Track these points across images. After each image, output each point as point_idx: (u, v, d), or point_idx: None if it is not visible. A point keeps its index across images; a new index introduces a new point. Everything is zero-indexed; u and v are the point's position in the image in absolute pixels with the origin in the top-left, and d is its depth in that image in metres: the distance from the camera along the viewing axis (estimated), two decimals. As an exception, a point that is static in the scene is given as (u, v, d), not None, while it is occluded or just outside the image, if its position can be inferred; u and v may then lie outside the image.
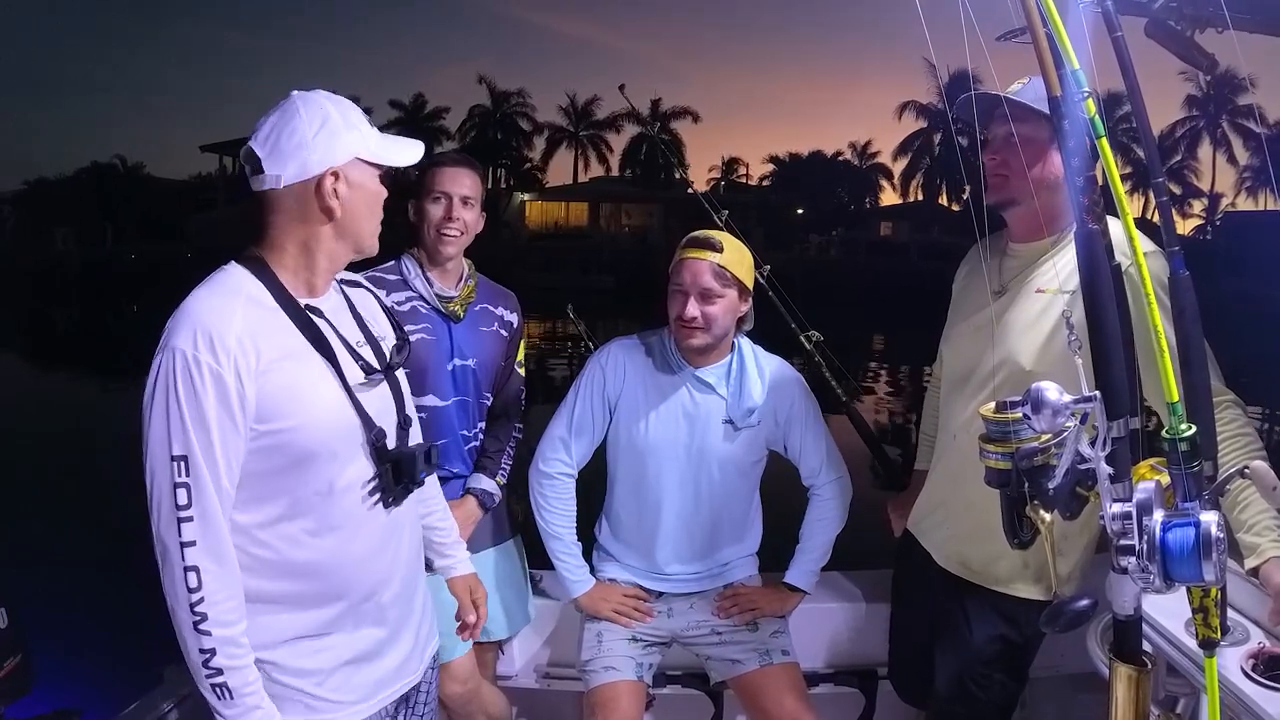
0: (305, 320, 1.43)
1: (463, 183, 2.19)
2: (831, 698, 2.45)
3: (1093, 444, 0.96)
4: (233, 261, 1.44)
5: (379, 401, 1.52)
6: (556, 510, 2.26)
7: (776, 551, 2.43)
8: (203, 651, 1.32)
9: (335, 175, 1.42)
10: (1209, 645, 1.00)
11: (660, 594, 2.31)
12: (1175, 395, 0.96)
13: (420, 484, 1.60)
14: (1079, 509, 1.08)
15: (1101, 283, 1.06)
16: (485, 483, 2.28)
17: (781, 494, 2.47)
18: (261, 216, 1.44)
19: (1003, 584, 1.85)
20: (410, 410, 1.61)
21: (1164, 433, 0.98)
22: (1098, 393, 0.95)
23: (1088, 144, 1.16)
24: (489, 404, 2.35)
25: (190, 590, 1.31)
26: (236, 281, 1.40)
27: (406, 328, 2.17)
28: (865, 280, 29.09)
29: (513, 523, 2.43)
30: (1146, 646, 1.18)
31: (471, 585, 1.90)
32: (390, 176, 1.55)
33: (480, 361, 2.27)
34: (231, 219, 29.84)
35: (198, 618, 1.31)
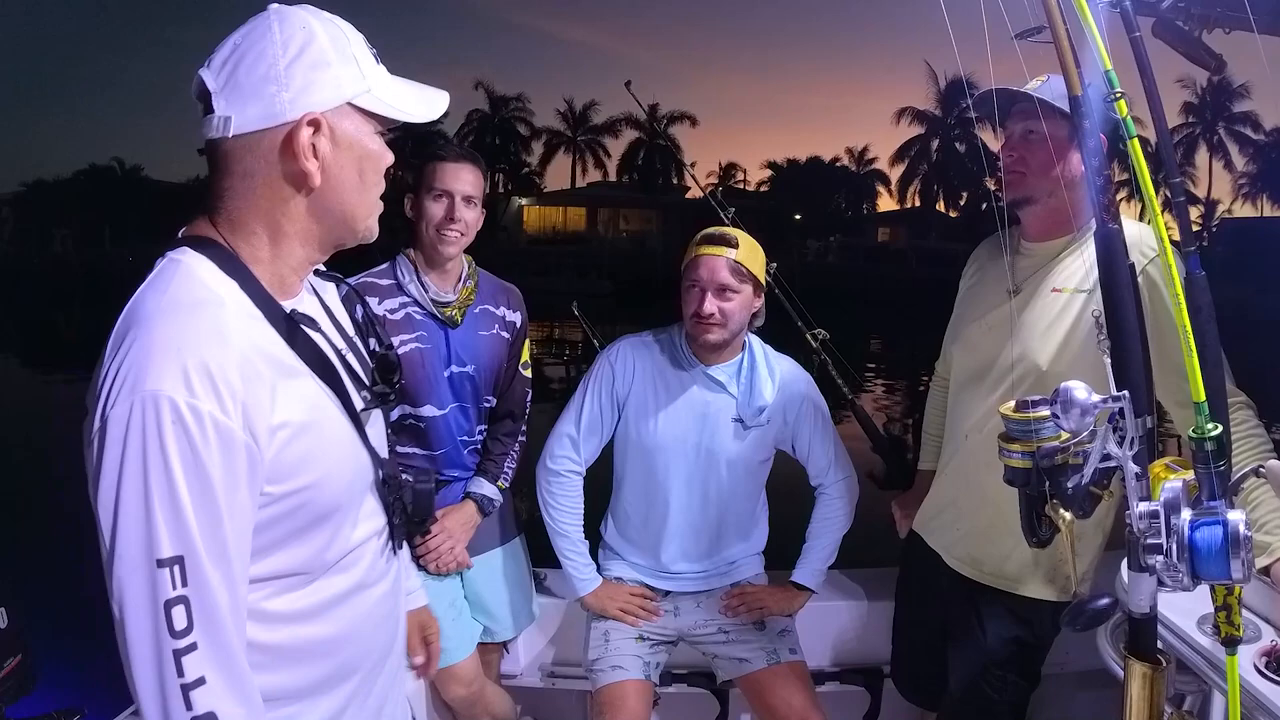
0: (297, 334, 1.05)
1: (466, 180, 2.11)
2: (837, 696, 2.45)
3: (1120, 443, 0.96)
4: (185, 247, 1.01)
5: (377, 430, 1.18)
6: (564, 508, 2.25)
7: (782, 551, 2.43)
8: None
9: (315, 125, 1.00)
10: (1231, 643, 1.01)
11: (667, 593, 2.31)
12: (1202, 394, 0.96)
13: (432, 519, 1.30)
14: (1092, 508, 1.08)
15: (1121, 282, 1.07)
16: (486, 487, 2.25)
17: (786, 493, 2.47)
18: (214, 180, 1.03)
19: (1014, 584, 1.85)
20: (390, 431, 1.34)
21: (1190, 432, 0.98)
22: (1125, 392, 0.95)
23: (1105, 143, 1.17)
24: (490, 406, 2.30)
25: None
26: (206, 281, 0.99)
27: (401, 336, 2.08)
28: (862, 285, 29.12)
29: (517, 522, 2.42)
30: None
31: (424, 621, 1.62)
32: (387, 173, 1.14)
33: (479, 367, 2.22)
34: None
35: None
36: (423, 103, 1.10)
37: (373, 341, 1.24)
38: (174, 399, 0.88)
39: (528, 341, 2.38)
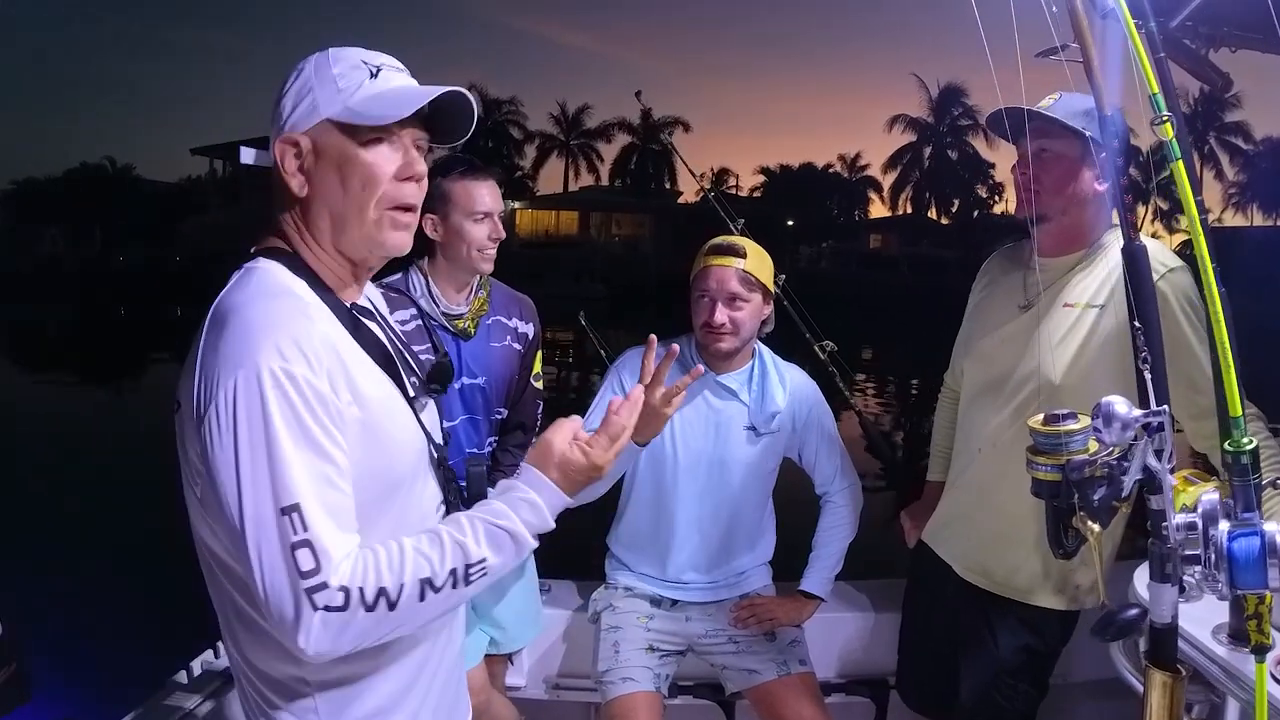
0: (358, 325, 1.19)
1: (498, 196, 2.13)
2: (843, 707, 2.46)
3: (1158, 456, 0.98)
4: (259, 258, 1.17)
5: (431, 417, 1.31)
6: None
7: (788, 563, 2.44)
8: (459, 574, 1.07)
9: (294, 144, 1.14)
10: (1261, 650, 1.03)
11: (675, 602, 2.31)
12: (1239, 409, 0.98)
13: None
14: (1109, 519, 1.10)
15: (1148, 298, 1.08)
16: None
17: (791, 504, 2.48)
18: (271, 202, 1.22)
19: (1024, 593, 1.87)
20: (444, 425, 1.44)
21: (1226, 445, 1.00)
22: (1166, 407, 0.97)
23: (1121, 162, 1.19)
24: (501, 418, 2.30)
25: (371, 608, 1.03)
26: (282, 280, 1.14)
27: (412, 348, 2.12)
28: (855, 291, 29.22)
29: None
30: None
31: None
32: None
33: (490, 379, 2.21)
34: (223, 223, 29.71)
35: (424, 591, 1.05)
36: (395, 103, 1.14)
37: (428, 348, 1.39)
38: (271, 367, 1.01)
39: (540, 353, 2.37)
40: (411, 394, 1.23)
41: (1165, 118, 1.02)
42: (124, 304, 27.73)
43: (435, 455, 1.27)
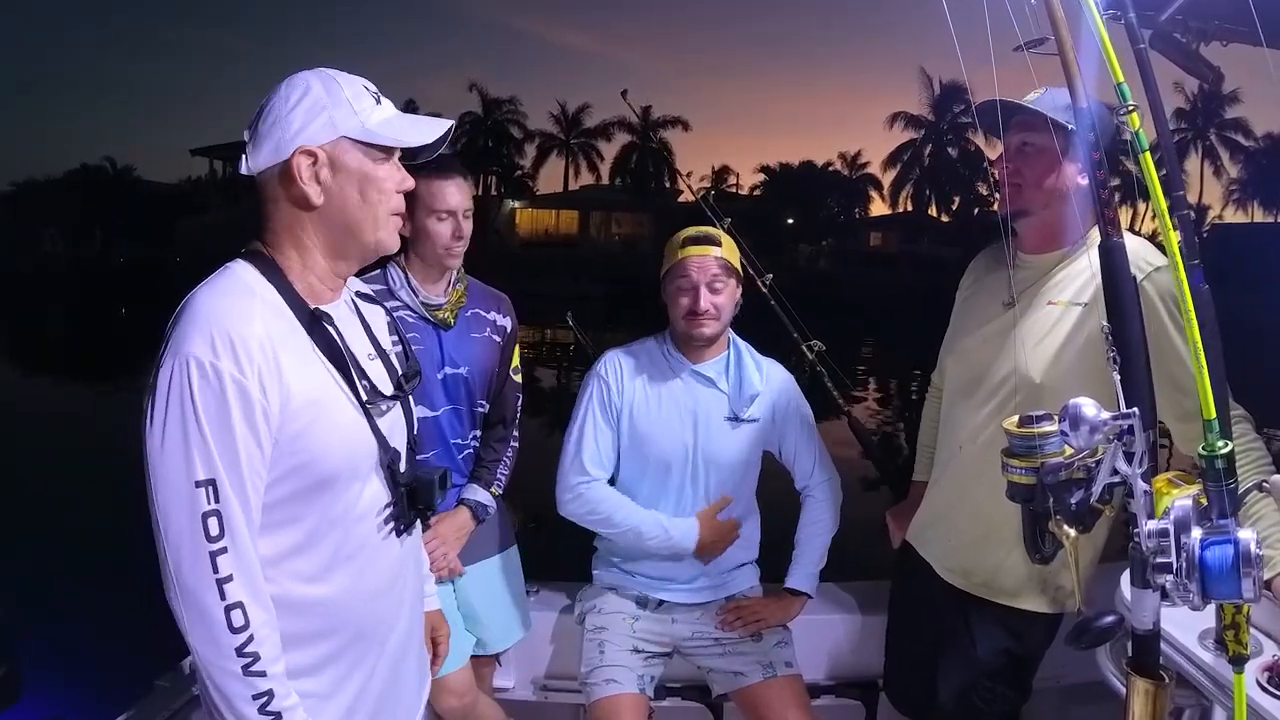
0: (315, 326, 1.27)
1: (464, 194, 2.15)
2: (832, 709, 2.44)
3: (1128, 460, 0.95)
4: (238, 259, 1.28)
5: (391, 421, 1.38)
6: (607, 508, 2.19)
7: (768, 561, 2.43)
8: (258, 697, 1.15)
9: (311, 156, 1.24)
10: (1239, 661, 1.00)
11: (662, 602, 2.29)
12: (1213, 412, 0.95)
13: (434, 511, 1.43)
14: (1092, 523, 1.07)
15: (1126, 298, 1.05)
16: (480, 494, 2.25)
17: (773, 508, 2.46)
18: (258, 207, 1.30)
19: (1006, 596, 1.84)
20: (415, 431, 1.50)
21: (1200, 449, 0.97)
22: (1135, 409, 0.94)
23: (1100, 157, 1.16)
24: (483, 411, 2.30)
25: (236, 631, 1.14)
26: (246, 280, 1.24)
27: (393, 339, 2.13)
28: (854, 291, 29.17)
29: (511, 533, 2.40)
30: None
31: (434, 623, 1.76)
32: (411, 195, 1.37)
33: (472, 369, 2.22)
34: (222, 223, 29.72)
35: (248, 659, 1.14)
36: (414, 130, 1.31)
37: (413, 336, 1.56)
38: (200, 359, 1.13)
39: (517, 348, 2.39)
40: (365, 398, 1.31)
41: (1131, 107, 0.99)
42: (124, 304, 27.74)
43: (384, 459, 1.34)
